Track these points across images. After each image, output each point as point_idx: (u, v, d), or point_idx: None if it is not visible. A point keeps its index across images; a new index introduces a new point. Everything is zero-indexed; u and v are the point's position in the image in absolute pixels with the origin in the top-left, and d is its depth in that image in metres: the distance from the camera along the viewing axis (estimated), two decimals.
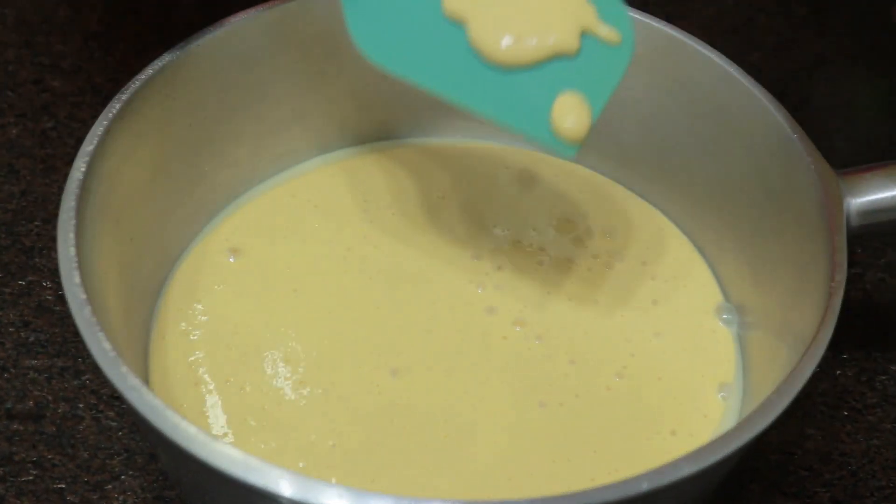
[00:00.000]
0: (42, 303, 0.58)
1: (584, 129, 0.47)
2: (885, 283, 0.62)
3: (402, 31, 0.49)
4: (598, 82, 0.48)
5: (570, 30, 0.48)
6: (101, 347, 0.42)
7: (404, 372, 0.52)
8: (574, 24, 0.48)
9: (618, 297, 0.56)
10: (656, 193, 0.60)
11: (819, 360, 0.44)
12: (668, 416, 0.52)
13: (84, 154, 0.48)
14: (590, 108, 0.47)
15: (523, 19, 0.47)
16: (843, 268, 0.46)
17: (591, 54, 0.48)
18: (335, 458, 0.49)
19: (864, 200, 0.50)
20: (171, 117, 0.53)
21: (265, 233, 0.57)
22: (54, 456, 0.53)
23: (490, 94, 0.48)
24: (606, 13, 0.49)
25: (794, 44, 0.75)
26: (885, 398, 0.57)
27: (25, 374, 0.55)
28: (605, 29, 0.49)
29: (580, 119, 0.47)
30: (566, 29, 0.48)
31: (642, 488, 0.39)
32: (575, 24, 0.48)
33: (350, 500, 0.38)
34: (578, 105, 0.47)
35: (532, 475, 0.49)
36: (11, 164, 0.64)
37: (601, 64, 0.48)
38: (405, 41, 0.49)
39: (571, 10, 0.48)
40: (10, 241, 0.60)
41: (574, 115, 0.47)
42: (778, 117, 0.52)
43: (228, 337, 0.53)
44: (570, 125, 0.47)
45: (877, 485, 0.54)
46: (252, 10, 0.54)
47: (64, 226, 0.45)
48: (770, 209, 0.53)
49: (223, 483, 0.40)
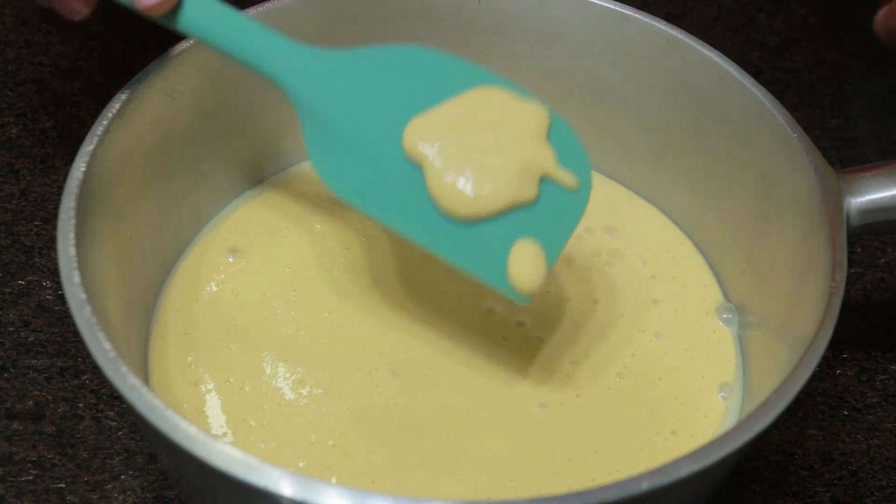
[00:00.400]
0: (42, 302, 0.58)
1: (538, 283, 0.47)
2: (885, 283, 0.62)
3: (364, 168, 0.49)
4: (555, 229, 0.49)
5: (529, 179, 0.48)
6: (101, 347, 0.42)
7: (404, 372, 0.52)
8: (533, 172, 0.48)
9: (618, 297, 0.56)
10: (656, 193, 0.60)
11: (819, 359, 0.44)
12: (669, 416, 0.52)
13: (84, 154, 0.48)
14: (545, 259, 0.48)
15: (480, 171, 0.47)
16: (844, 267, 0.46)
17: (549, 200, 0.48)
18: (335, 458, 0.49)
19: (864, 200, 0.50)
20: (170, 117, 0.53)
21: (265, 233, 0.57)
22: (54, 456, 0.53)
23: (446, 239, 0.48)
24: (565, 154, 0.49)
25: (793, 44, 0.75)
26: (886, 398, 0.57)
27: (25, 374, 0.55)
28: (564, 174, 0.49)
29: (535, 273, 0.47)
30: (524, 180, 0.48)
31: (642, 488, 0.39)
32: (534, 172, 0.48)
33: (350, 499, 0.38)
34: (534, 258, 0.47)
35: (532, 475, 0.49)
36: (11, 164, 0.64)
37: (559, 209, 0.49)
38: (366, 177, 0.49)
39: (530, 156, 0.48)
40: (9, 240, 0.60)
41: (529, 269, 0.47)
42: (778, 117, 0.52)
43: (228, 337, 0.53)
44: (526, 280, 0.47)
45: (877, 484, 0.54)
46: (252, 10, 0.54)
47: (64, 225, 0.45)
48: (770, 209, 0.53)
49: (223, 483, 0.40)
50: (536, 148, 0.49)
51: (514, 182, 0.47)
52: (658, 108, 0.58)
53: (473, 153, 0.48)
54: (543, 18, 0.57)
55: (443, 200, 0.47)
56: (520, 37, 0.58)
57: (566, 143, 0.50)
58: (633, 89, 0.58)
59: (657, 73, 0.57)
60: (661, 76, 0.57)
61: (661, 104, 0.57)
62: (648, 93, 0.58)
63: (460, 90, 0.50)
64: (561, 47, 0.58)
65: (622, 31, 0.56)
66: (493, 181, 0.47)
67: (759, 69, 0.72)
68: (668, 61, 0.56)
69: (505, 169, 0.48)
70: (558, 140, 0.50)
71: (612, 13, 0.56)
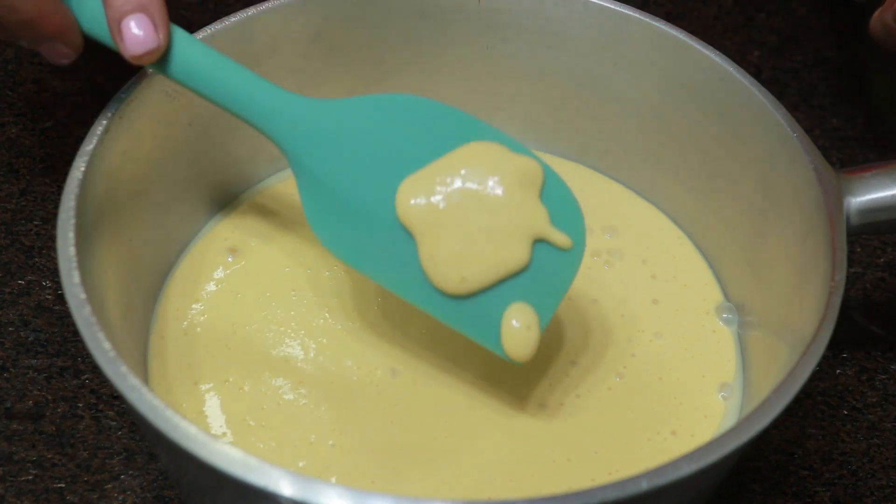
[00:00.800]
0: (41, 302, 0.58)
1: (531, 353, 0.48)
2: (885, 283, 0.62)
3: (358, 229, 0.49)
4: (548, 290, 0.49)
5: (522, 245, 0.48)
6: (101, 347, 0.42)
7: (404, 372, 0.52)
8: (526, 236, 0.48)
9: (618, 297, 0.56)
10: (656, 192, 0.60)
11: (819, 359, 0.44)
12: (669, 416, 0.52)
13: (84, 153, 0.48)
14: (538, 324, 0.48)
15: (472, 247, 0.47)
16: (843, 267, 0.46)
17: (542, 261, 0.48)
18: (335, 458, 0.49)
19: (864, 199, 0.50)
20: (170, 117, 0.53)
21: (264, 232, 0.57)
22: (54, 455, 0.52)
23: (439, 305, 0.48)
24: (559, 212, 0.49)
25: (793, 43, 0.75)
26: (886, 397, 0.57)
27: (25, 374, 0.55)
28: (558, 235, 0.49)
29: (527, 344, 0.48)
30: (517, 248, 0.48)
31: (642, 487, 0.39)
32: (527, 236, 0.48)
33: (350, 499, 0.38)
34: (527, 327, 0.48)
35: (532, 475, 0.49)
36: (11, 164, 0.64)
37: (552, 270, 0.49)
38: (361, 239, 0.49)
39: (524, 220, 0.48)
40: (9, 240, 0.60)
41: (521, 341, 0.48)
42: (777, 116, 0.52)
43: (227, 336, 0.53)
44: (518, 351, 0.48)
45: (877, 484, 0.54)
46: (252, 9, 0.54)
47: (63, 225, 0.45)
48: (770, 208, 0.53)
49: (223, 482, 0.40)
50: (530, 210, 0.48)
51: (505, 255, 0.48)
52: (658, 107, 0.58)
53: (466, 225, 0.48)
54: (543, 18, 0.57)
55: (434, 278, 0.48)
56: (520, 36, 0.58)
57: (560, 200, 0.49)
58: (633, 89, 0.58)
59: (657, 73, 0.57)
60: (661, 76, 0.57)
61: (660, 104, 0.57)
62: (648, 92, 0.58)
63: (454, 144, 0.49)
64: (561, 47, 0.58)
65: (622, 30, 0.56)
66: (483, 259, 0.47)
67: (759, 69, 0.72)
68: (668, 61, 0.56)
69: (497, 242, 0.48)
70: (552, 196, 0.49)
71: (611, 13, 0.56)
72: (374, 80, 0.59)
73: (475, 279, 0.47)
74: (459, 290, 0.48)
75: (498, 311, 0.48)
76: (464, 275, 0.47)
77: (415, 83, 0.60)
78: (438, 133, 0.50)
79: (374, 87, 0.59)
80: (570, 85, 0.59)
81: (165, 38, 0.47)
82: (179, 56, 0.48)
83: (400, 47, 0.59)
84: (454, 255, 0.47)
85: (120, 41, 0.47)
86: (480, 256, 0.47)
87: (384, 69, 0.59)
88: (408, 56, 0.59)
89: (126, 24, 0.46)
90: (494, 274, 0.47)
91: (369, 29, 0.57)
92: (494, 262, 0.47)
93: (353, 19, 0.57)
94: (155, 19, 0.46)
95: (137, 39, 0.46)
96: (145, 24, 0.46)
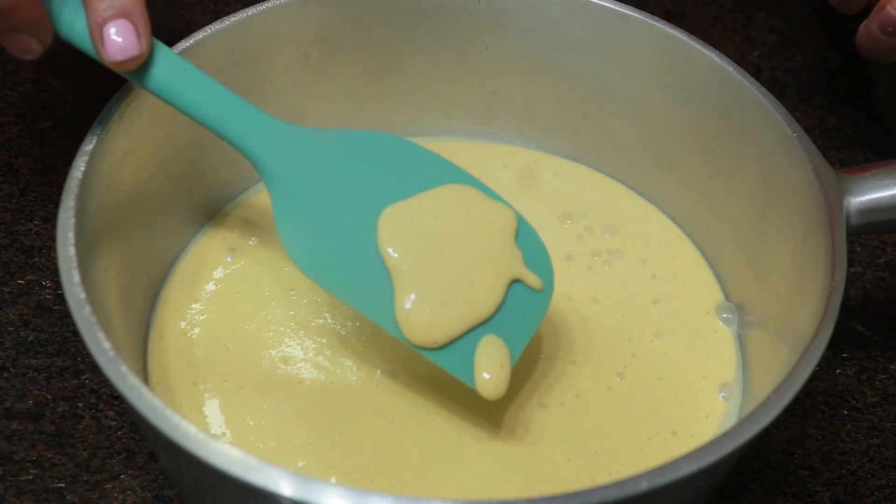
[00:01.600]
0: (41, 302, 0.58)
1: (502, 391, 0.48)
2: (885, 282, 0.62)
3: (334, 252, 0.49)
4: (519, 327, 0.49)
5: (498, 288, 0.49)
6: (101, 347, 0.42)
7: (404, 372, 0.52)
8: (504, 278, 0.49)
9: (618, 296, 0.56)
10: (656, 191, 0.60)
11: (819, 359, 0.44)
12: (670, 416, 0.52)
13: (83, 153, 0.48)
14: (510, 360, 0.48)
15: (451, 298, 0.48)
16: (843, 266, 0.46)
17: (515, 301, 0.49)
18: (334, 458, 0.49)
19: (864, 199, 0.50)
20: (170, 117, 0.53)
21: (263, 232, 0.57)
22: (54, 455, 0.52)
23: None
24: (530, 256, 0.50)
25: (793, 43, 0.75)
26: (885, 397, 0.57)
27: (25, 374, 0.55)
28: (531, 277, 0.50)
29: (499, 383, 0.48)
30: (494, 290, 0.48)
31: (642, 487, 0.39)
32: (505, 278, 0.49)
33: (350, 499, 0.38)
34: (499, 365, 0.48)
35: (532, 475, 0.49)
36: (11, 164, 0.63)
37: (524, 308, 0.49)
38: (336, 262, 0.49)
39: (503, 261, 0.49)
40: (9, 240, 0.60)
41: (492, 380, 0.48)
42: (777, 116, 0.52)
43: (227, 336, 0.53)
44: (490, 390, 0.48)
45: (877, 484, 0.54)
46: (252, 9, 0.54)
47: (63, 225, 0.45)
48: (770, 208, 0.53)
49: (223, 482, 0.40)
50: (508, 252, 0.50)
51: (481, 302, 0.48)
52: (658, 107, 0.58)
53: (445, 271, 0.48)
54: (543, 18, 0.57)
55: (406, 333, 0.48)
56: (519, 36, 0.58)
57: (531, 245, 0.51)
58: (633, 88, 0.58)
59: (657, 73, 0.57)
60: (661, 75, 0.57)
61: (660, 103, 0.57)
62: (648, 92, 0.58)
63: (432, 184, 0.50)
64: (560, 46, 0.58)
65: (622, 30, 0.56)
66: (458, 315, 0.48)
67: (759, 68, 0.72)
68: (668, 61, 0.56)
69: (475, 287, 0.48)
70: (524, 240, 0.50)
71: (611, 13, 0.56)
72: (374, 79, 0.59)
73: (447, 335, 0.48)
74: (429, 346, 0.48)
75: (471, 345, 0.48)
76: (435, 337, 0.48)
77: (415, 83, 0.60)
78: (418, 170, 0.51)
79: (374, 87, 0.59)
80: (569, 84, 0.59)
81: (148, 45, 0.46)
82: (158, 68, 0.47)
83: (400, 47, 0.59)
84: (429, 314, 0.47)
85: (101, 47, 0.46)
86: (456, 311, 0.48)
87: (384, 69, 0.59)
88: (408, 55, 0.59)
89: (108, 29, 0.46)
90: (468, 324, 0.48)
91: (369, 29, 0.57)
92: (469, 311, 0.48)
93: (353, 19, 0.57)
94: (138, 26, 0.46)
95: (118, 45, 0.46)
96: (127, 31, 0.46)
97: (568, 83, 0.59)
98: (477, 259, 0.49)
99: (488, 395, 0.48)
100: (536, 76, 0.60)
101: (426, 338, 0.47)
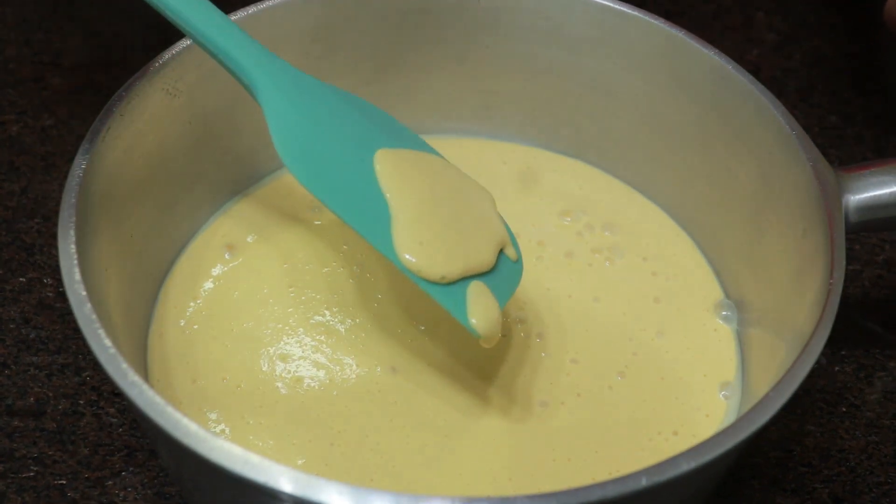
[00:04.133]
0: (42, 300, 0.58)
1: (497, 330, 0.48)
2: (884, 280, 0.62)
3: (333, 173, 0.49)
4: (503, 287, 0.50)
5: (492, 250, 0.50)
6: (102, 344, 0.42)
7: (404, 369, 0.52)
8: (495, 242, 0.50)
9: (619, 295, 0.56)
10: (656, 189, 0.60)
11: (817, 356, 0.44)
12: (671, 415, 0.52)
13: (84, 151, 0.48)
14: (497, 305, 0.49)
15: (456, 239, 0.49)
16: (842, 264, 0.47)
17: (500, 266, 0.50)
18: (334, 457, 0.49)
19: (863, 197, 0.50)
20: (170, 115, 0.53)
21: (263, 230, 0.57)
22: (55, 452, 0.53)
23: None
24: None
25: (792, 42, 0.75)
26: (884, 395, 0.57)
27: (26, 371, 0.55)
28: (512, 248, 0.51)
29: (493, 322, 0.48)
30: (490, 251, 0.50)
31: (642, 484, 0.39)
32: (496, 243, 0.50)
33: (350, 497, 0.38)
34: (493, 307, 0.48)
35: (532, 475, 0.49)
36: (12, 162, 0.64)
37: (504, 277, 0.50)
38: (335, 182, 0.49)
39: (495, 227, 0.51)
40: (10, 238, 0.60)
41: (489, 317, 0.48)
42: (776, 115, 0.52)
43: (225, 334, 0.53)
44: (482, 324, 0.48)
45: (875, 481, 0.54)
46: (252, 8, 0.54)
47: (64, 223, 0.45)
48: (768, 206, 0.53)
49: (224, 479, 0.40)
50: (497, 220, 0.51)
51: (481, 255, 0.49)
52: (657, 105, 0.58)
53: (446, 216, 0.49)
54: (543, 16, 0.57)
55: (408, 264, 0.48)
56: (519, 35, 0.58)
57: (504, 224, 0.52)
58: (633, 87, 0.58)
59: (656, 71, 0.57)
60: (661, 74, 0.57)
61: (660, 102, 0.57)
62: (647, 90, 0.58)
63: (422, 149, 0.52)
64: (560, 45, 0.58)
65: (621, 29, 0.56)
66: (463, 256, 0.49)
67: (758, 67, 0.72)
68: (667, 59, 0.56)
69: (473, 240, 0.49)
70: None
71: (611, 11, 0.56)
72: (374, 78, 0.59)
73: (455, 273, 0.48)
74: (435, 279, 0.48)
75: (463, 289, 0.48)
76: (444, 272, 0.48)
77: (414, 81, 0.60)
78: (405, 137, 0.52)
79: (374, 86, 0.59)
80: (569, 82, 0.59)
81: None
82: None
83: (400, 46, 0.59)
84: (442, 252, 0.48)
85: None
86: (462, 254, 0.48)
87: (384, 68, 0.59)
88: (408, 54, 0.59)
89: None
90: (471, 270, 0.49)
91: (369, 28, 0.58)
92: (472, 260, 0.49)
93: (353, 19, 0.57)
94: None
95: None
96: None
97: (567, 81, 0.59)
98: (473, 217, 0.50)
99: (485, 333, 0.48)
100: (536, 74, 0.60)
101: (434, 272, 0.48)
